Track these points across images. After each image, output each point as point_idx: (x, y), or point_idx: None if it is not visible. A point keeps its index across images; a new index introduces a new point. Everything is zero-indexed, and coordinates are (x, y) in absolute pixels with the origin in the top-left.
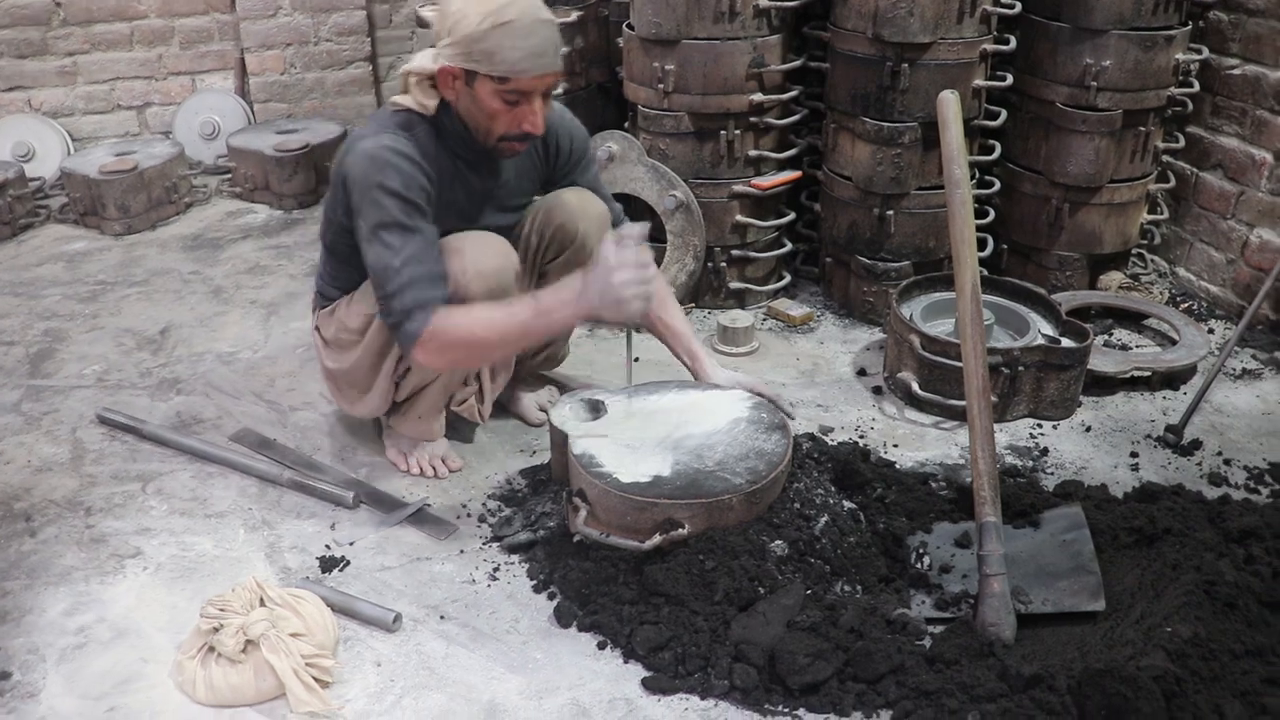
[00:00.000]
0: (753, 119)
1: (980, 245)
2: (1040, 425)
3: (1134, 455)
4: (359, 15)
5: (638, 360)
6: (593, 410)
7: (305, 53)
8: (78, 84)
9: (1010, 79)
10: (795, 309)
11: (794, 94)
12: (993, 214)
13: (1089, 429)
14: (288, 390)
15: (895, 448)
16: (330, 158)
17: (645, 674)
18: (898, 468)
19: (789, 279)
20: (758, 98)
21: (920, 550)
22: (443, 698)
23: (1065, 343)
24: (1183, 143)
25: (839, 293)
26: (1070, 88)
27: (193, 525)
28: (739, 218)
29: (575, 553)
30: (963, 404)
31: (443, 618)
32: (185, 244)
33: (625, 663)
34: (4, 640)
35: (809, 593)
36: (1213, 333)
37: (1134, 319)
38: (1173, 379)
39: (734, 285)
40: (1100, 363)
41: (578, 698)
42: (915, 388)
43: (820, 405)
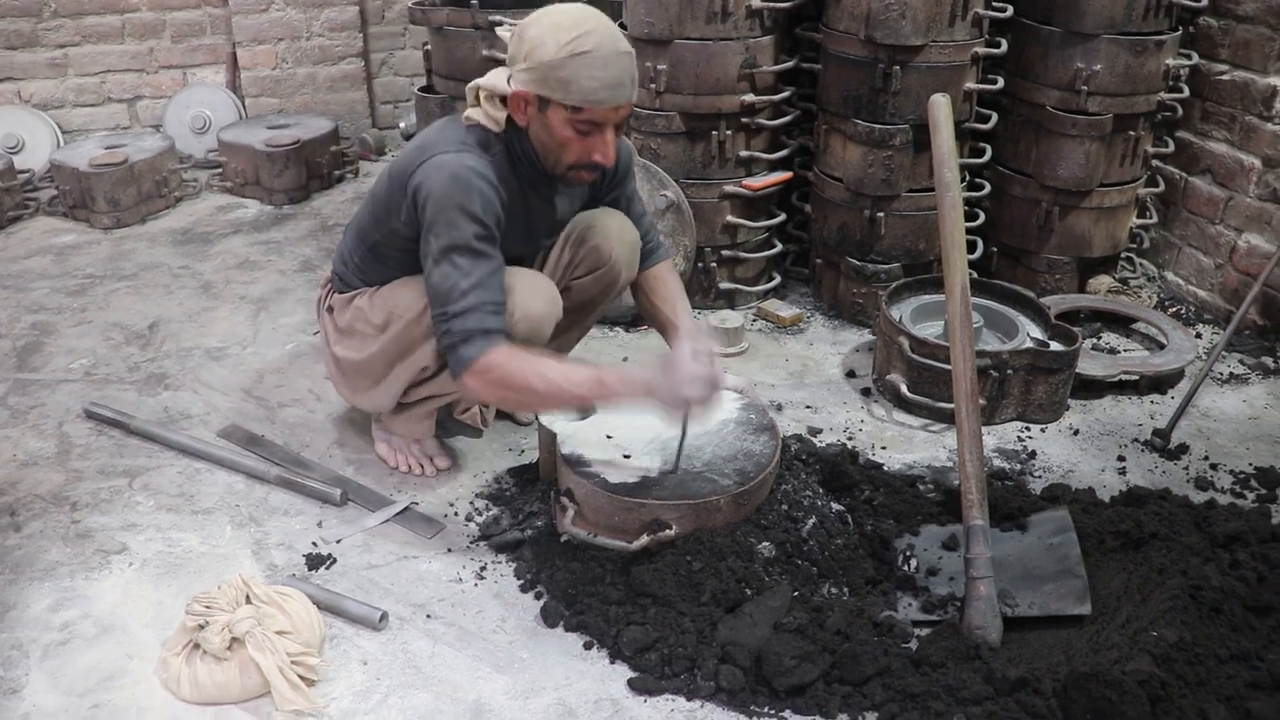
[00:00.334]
0: (744, 120)
1: (970, 248)
2: (1028, 428)
3: (1121, 459)
4: (351, 11)
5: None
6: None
7: (297, 47)
8: (68, 76)
9: (1001, 82)
10: (785, 310)
11: (786, 95)
12: (983, 217)
13: (1077, 432)
14: (276, 387)
15: (883, 450)
16: (322, 153)
17: (631, 674)
18: (886, 470)
19: (779, 280)
20: (749, 98)
21: (907, 553)
22: (429, 697)
23: (1054, 346)
24: (1172, 147)
25: (829, 294)
26: (1061, 91)
27: (179, 521)
28: (730, 218)
29: (563, 553)
30: (951, 406)
31: (429, 616)
32: (175, 238)
33: (612, 663)
34: None
35: (796, 594)
36: (1200, 337)
37: (1122, 323)
38: (1160, 383)
39: (724, 286)
40: (1088, 366)
41: (564, 698)
42: (904, 390)
43: (809, 407)
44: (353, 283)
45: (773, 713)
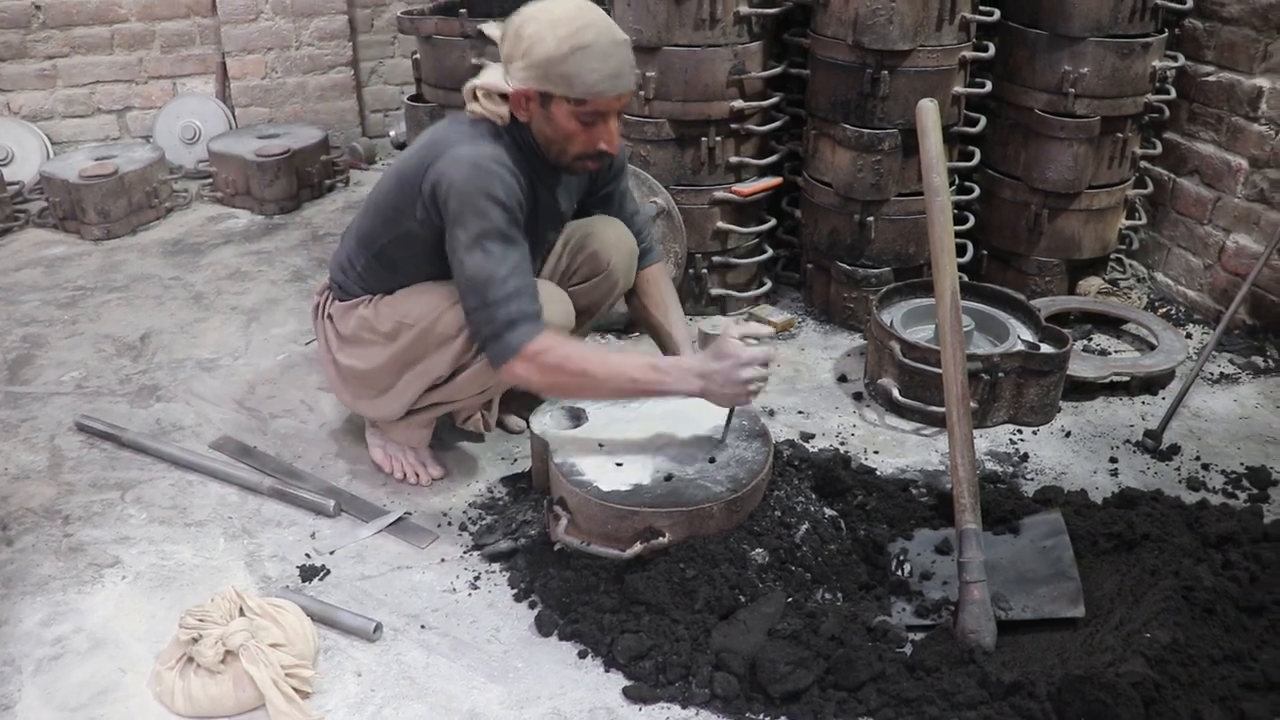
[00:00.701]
0: (733, 126)
1: (960, 251)
2: (1020, 431)
3: (1113, 460)
4: (341, 20)
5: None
6: (573, 419)
7: (287, 57)
8: (57, 87)
9: (989, 86)
10: (776, 315)
11: (774, 101)
12: (972, 220)
13: (1068, 434)
14: (268, 398)
15: (876, 454)
16: (312, 163)
17: (626, 683)
18: (878, 474)
19: (770, 285)
20: (738, 104)
21: (901, 557)
22: (423, 708)
23: (1044, 348)
24: (1160, 149)
25: (820, 299)
26: (1049, 94)
27: (172, 534)
28: (720, 224)
29: (556, 561)
30: (943, 410)
31: (423, 627)
32: (165, 249)
33: (606, 672)
34: None
35: (790, 601)
36: (1190, 337)
37: (1113, 324)
38: (1151, 384)
39: (715, 291)
40: (1079, 368)
41: (559, 707)
42: (896, 394)
43: (801, 412)
44: (354, 291)
45: (768, 719)
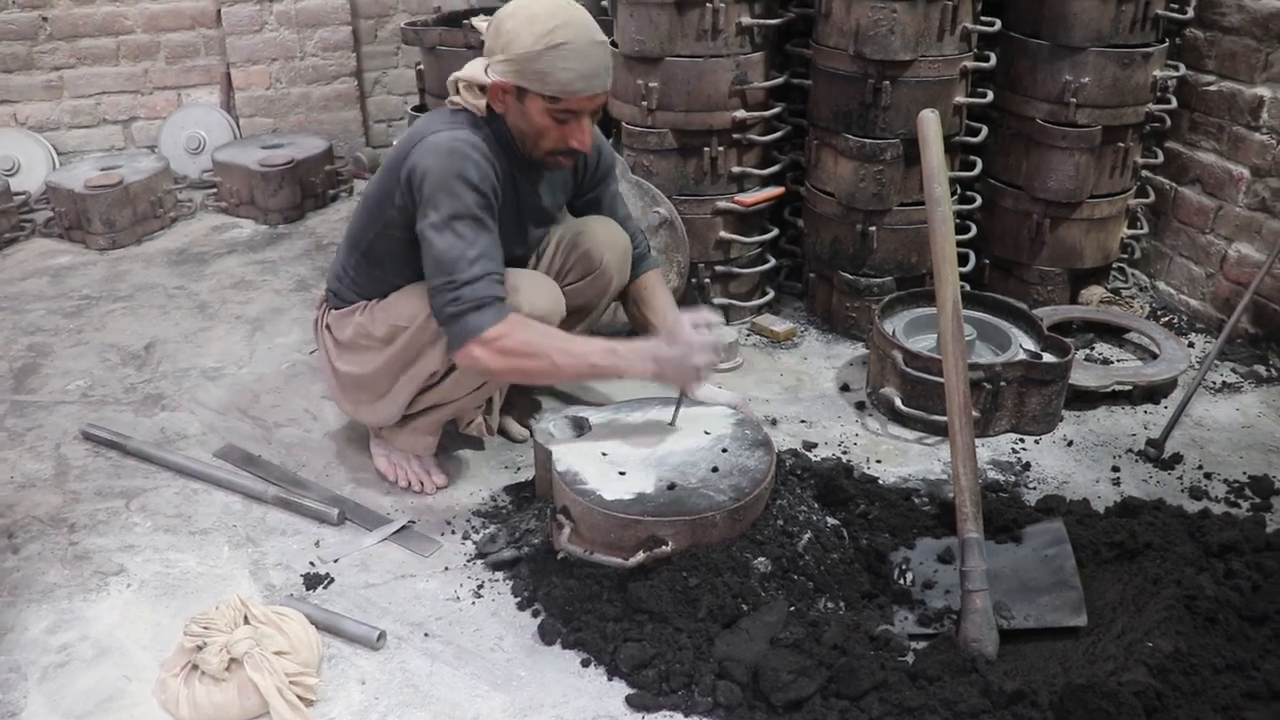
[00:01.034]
0: (736, 136)
1: (962, 260)
2: (1022, 440)
3: (1115, 470)
4: (344, 31)
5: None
6: (577, 427)
7: (291, 68)
8: (63, 98)
9: (991, 95)
10: (779, 324)
11: (777, 111)
12: (974, 229)
13: (1070, 444)
14: (273, 406)
15: (878, 463)
16: (316, 173)
17: (629, 691)
18: (881, 483)
19: (772, 295)
20: (741, 115)
21: (903, 566)
22: (427, 716)
23: (1047, 358)
24: (1161, 158)
25: (822, 308)
26: (1050, 104)
27: (177, 542)
28: (723, 234)
29: (559, 570)
30: (945, 419)
31: (427, 635)
32: (170, 259)
33: (609, 680)
34: None
35: (792, 609)
36: (1193, 346)
37: (1115, 333)
38: (1154, 393)
39: (718, 301)
40: (1081, 377)
41: (562, 715)
42: (898, 403)
43: (803, 421)
44: (348, 297)
45: None
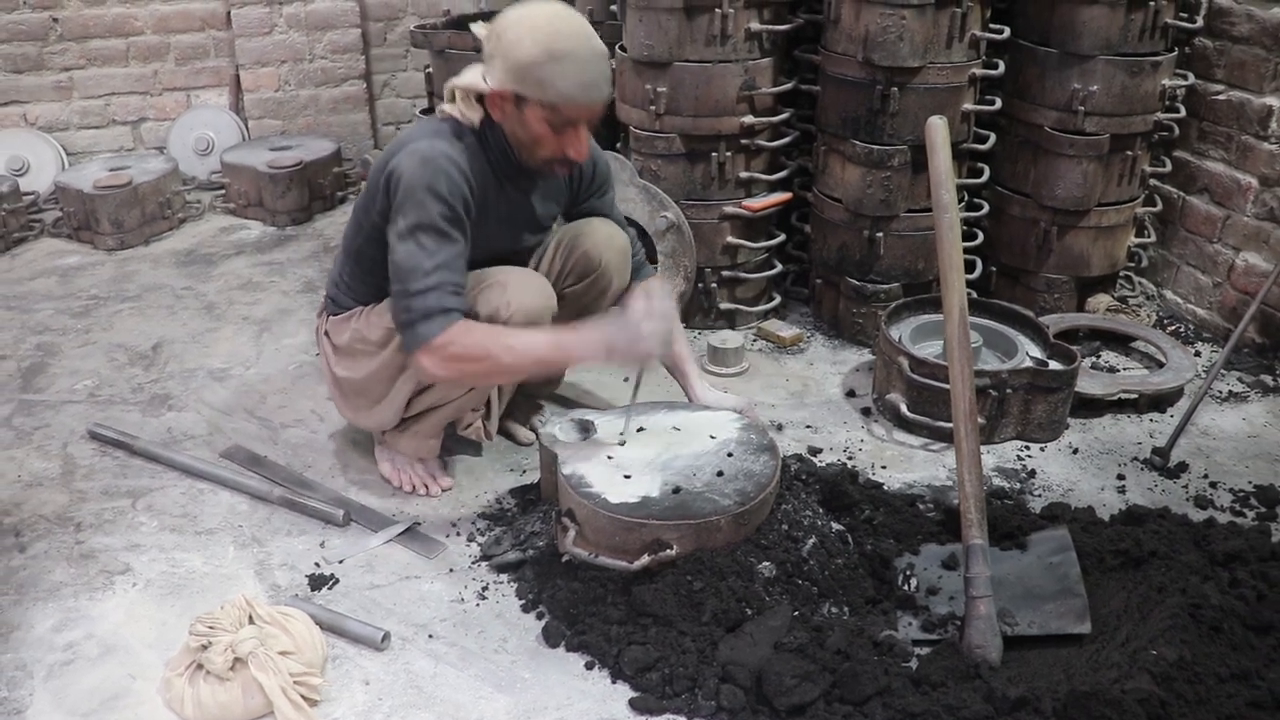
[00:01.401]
0: (744, 141)
1: (969, 267)
2: (1028, 447)
3: (1121, 478)
4: (354, 33)
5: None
6: (582, 430)
7: (300, 70)
8: (73, 99)
9: (999, 103)
10: (785, 330)
11: (785, 116)
12: (981, 236)
13: (1076, 451)
14: (279, 407)
15: (883, 469)
16: (324, 175)
17: (633, 694)
18: (886, 489)
19: (779, 300)
20: (749, 120)
21: (907, 572)
22: (431, 717)
23: (1053, 365)
24: (1169, 167)
25: (828, 314)
26: (1058, 112)
27: (182, 542)
28: (730, 239)
29: (564, 573)
30: (951, 426)
31: (431, 636)
32: (178, 259)
33: (613, 683)
34: None
35: (796, 614)
36: (1199, 355)
37: (1121, 341)
38: (1160, 401)
39: (724, 306)
40: (1087, 385)
41: (565, 718)
42: (904, 409)
43: (809, 426)
44: (345, 303)
45: None
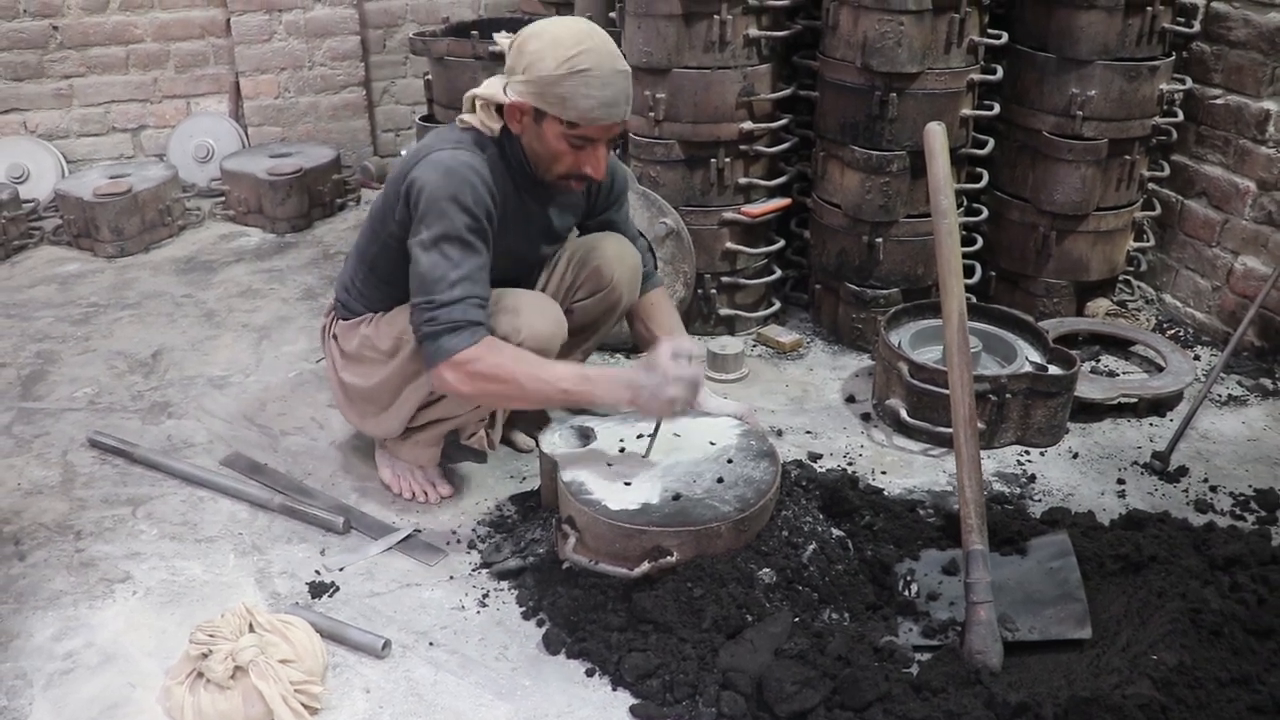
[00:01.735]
0: (743, 147)
1: (968, 272)
2: (1028, 452)
3: (1121, 482)
4: (353, 40)
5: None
6: (582, 438)
7: (300, 77)
8: (73, 106)
9: (997, 108)
10: (785, 335)
11: (784, 122)
12: (980, 241)
13: (1076, 456)
14: (279, 415)
15: (883, 474)
16: (324, 182)
17: (633, 701)
18: (886, 495)
19: (778, 306)
20: (748, 126)
21: (908, 578)
22: None
23: (1052, 370)
24: (1168, 171)
25: (828, 319)
26: (1057, 117)
27: (183, 550)
28: (729, 245)
29: (564, 580)
30: (951, 431)
31: (432, 644)
32: (178, 267)
33: (614, 690)
34: None
35: (797, 620)
36: (1199, 359)
37: (1121, 346)
38: (1159, 406)
39: (724, 312)
40: (1087, 389)
41: None
42: (904, 415)
43: (809, 432)
44: (356, 309)
45: None
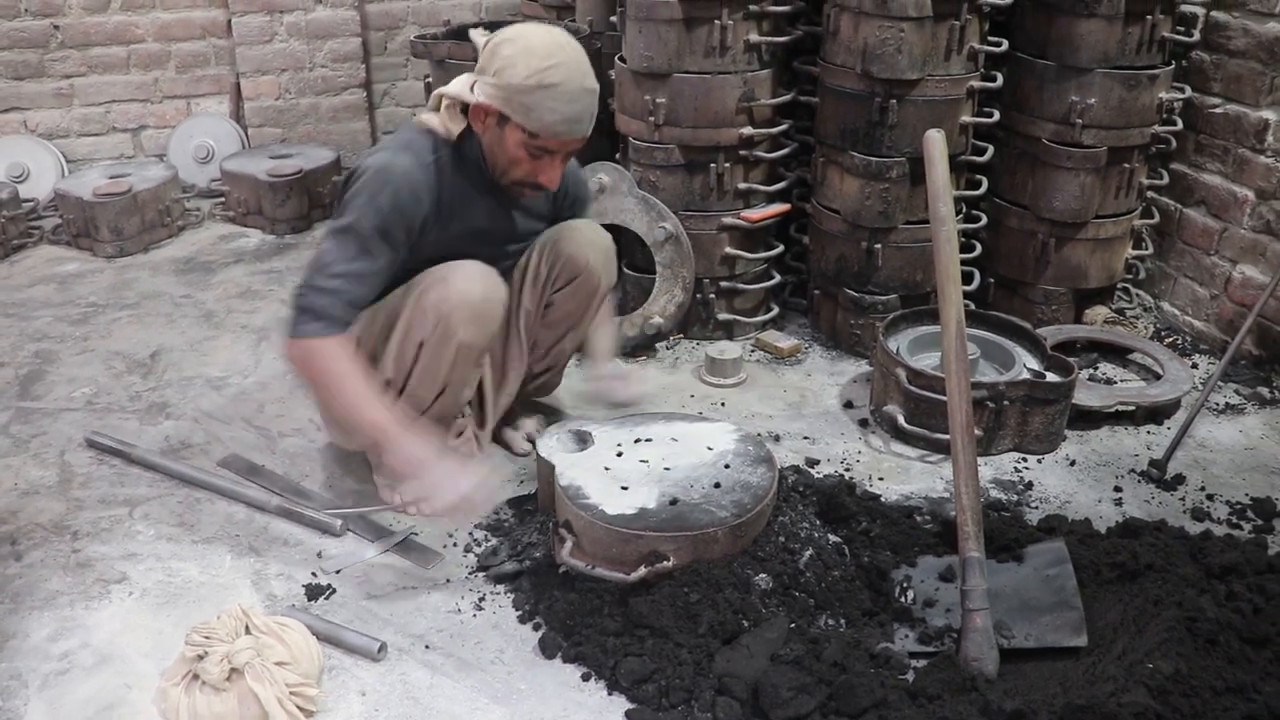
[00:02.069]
0: (742, 152)
1: (967, 279)
2: (1025, 459)
3: (1118, 490)
4: (354, 42)
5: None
6: (580, 441)
7: (300, 78)
8: (74, 106)
9: (997, 115)
10: (783, 341)
11: (783, 128)
12: (979, 248)
13: (1073, 463)
14: (277, 416)
15: (881, 481)
16: (324, 183)
17: (629, 706)
18: (883, 501)
19: (777, 311)
20: (747, 131)
21: (904, 584)
22: None
23: (1050, 377)
24: (1167, 179)
25: (826, 325)
26: (1056, 124)
27: (179, 551)
28: (728, 250)
29: (561, 584)
30: (948, 437)
31: (428, 647)
32: (177, 267)
33: (609, 694)
34: None
35: (793, 626)
36: (1196, 367)
37: (1119, 353)
38: (1157, 413)
39: (722, 317)
40: (1085, 397)
41: None
42: (901, 421)
43: (806, 438)
44: None
45: None
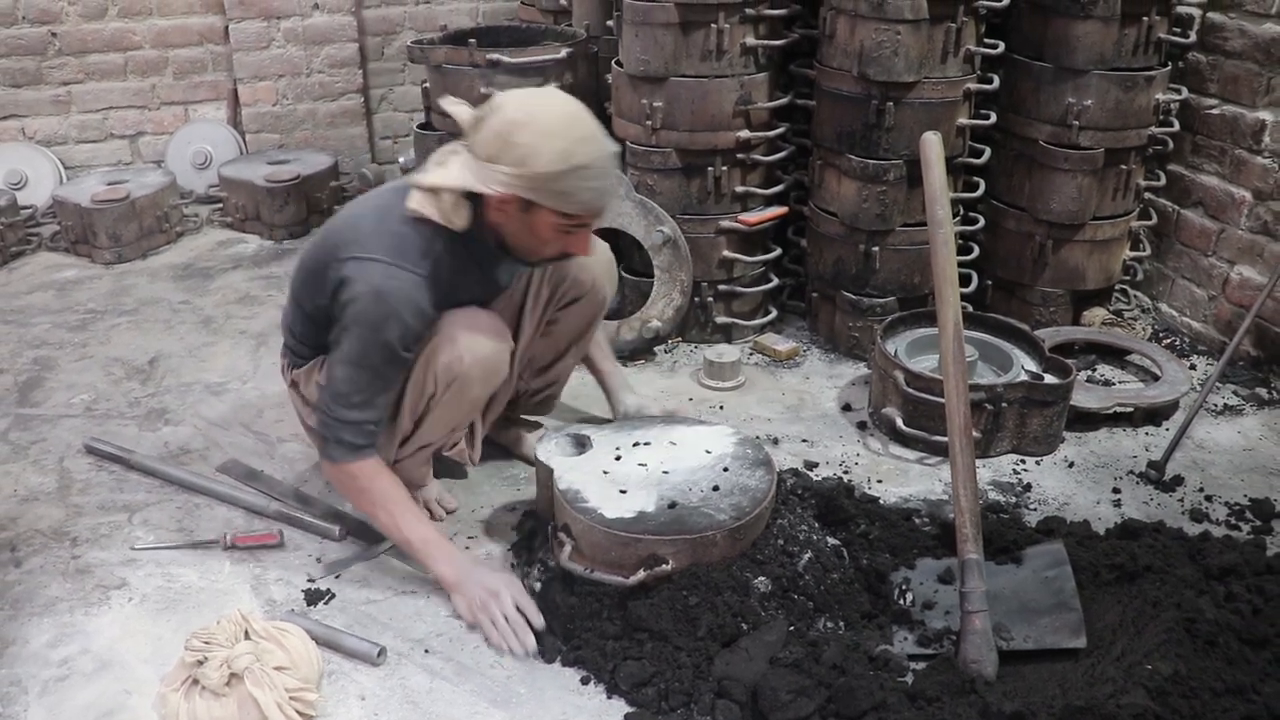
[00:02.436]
0: (740, 155)
1: (964, 281)
2: (1023, 461)
3: (1116, 491)
4: (351, 48)
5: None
6: (578, 445)
7: (298, 84)
8: (71, 113)
9: (994, 117)
10: (781, 344)
11: (780, 131)
12: (977, 250)
13: (1072, 465)
14: (276, 422)
15: (879, 483)
16: (321, 189)
17: (628, 709)
18: (881, 503)
19: (775, 314)
20: (745, 135)
21: (903, 586)
22: None
23: (1048, 379)
24: (1164, 180)
25: (825, 328)
26: (1053, 126)
27: (178, 556)
28: (726, 253)
29: (560, 588)
30: (946, 440)
31: (427, 651)
32: (176, 273)
33: (609, 698)
34: None
35: (792, 629)
36: (1194, 369)
37: (1117, 355)
38: (1155, 415)
39: (720, 320)
40: (1083, 399)
41: None
42: (900, 423)
43: (805, 440)
44: (302, 352)
45: None
